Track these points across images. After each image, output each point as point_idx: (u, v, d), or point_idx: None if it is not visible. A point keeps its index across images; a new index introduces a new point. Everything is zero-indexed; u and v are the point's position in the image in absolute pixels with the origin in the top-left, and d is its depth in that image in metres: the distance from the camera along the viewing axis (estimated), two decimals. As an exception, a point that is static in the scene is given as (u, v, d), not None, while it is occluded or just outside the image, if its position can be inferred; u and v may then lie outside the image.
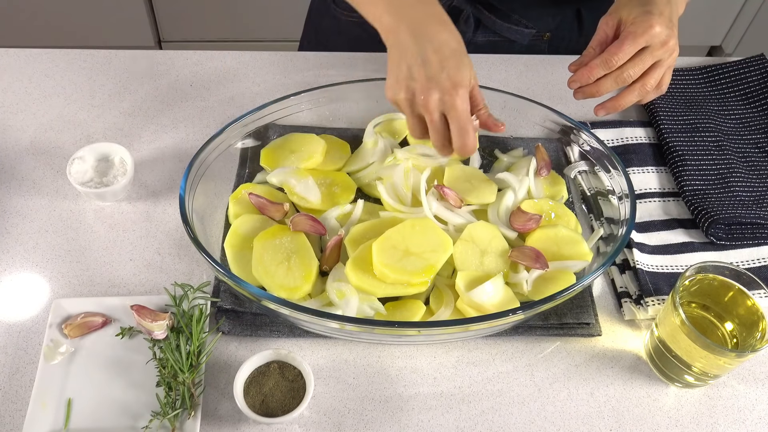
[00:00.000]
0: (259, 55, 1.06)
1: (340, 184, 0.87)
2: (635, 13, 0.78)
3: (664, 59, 0.79)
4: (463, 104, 0.72)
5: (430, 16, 0.74)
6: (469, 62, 0.74)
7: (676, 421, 0.74)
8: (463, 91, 0.71)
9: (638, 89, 0.80)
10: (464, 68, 0.72)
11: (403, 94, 0.74)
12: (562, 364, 0.77)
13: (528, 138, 0.94)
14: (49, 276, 0.81)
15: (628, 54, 0.77)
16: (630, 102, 0.81)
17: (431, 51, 0.72)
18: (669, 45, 0.77)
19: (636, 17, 0.77)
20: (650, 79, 0.79)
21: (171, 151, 0.93)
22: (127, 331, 0.75)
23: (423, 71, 0.72)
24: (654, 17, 0.76)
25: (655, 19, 0.76)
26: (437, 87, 0.71)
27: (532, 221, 0.82)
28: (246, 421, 0.71)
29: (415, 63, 0.72)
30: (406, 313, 0.75)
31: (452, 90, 0.71)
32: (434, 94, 0.71)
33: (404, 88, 0.73)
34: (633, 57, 0.77)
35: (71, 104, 0.98)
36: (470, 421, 0.73)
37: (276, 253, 0.77)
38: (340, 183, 0.87)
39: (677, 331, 0.70)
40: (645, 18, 0.77)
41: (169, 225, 0.86)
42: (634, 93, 0.80)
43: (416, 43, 0.73)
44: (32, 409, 0.69)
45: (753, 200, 0.88)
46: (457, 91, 0.71)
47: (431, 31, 0.73)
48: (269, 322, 0.77)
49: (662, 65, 0.79)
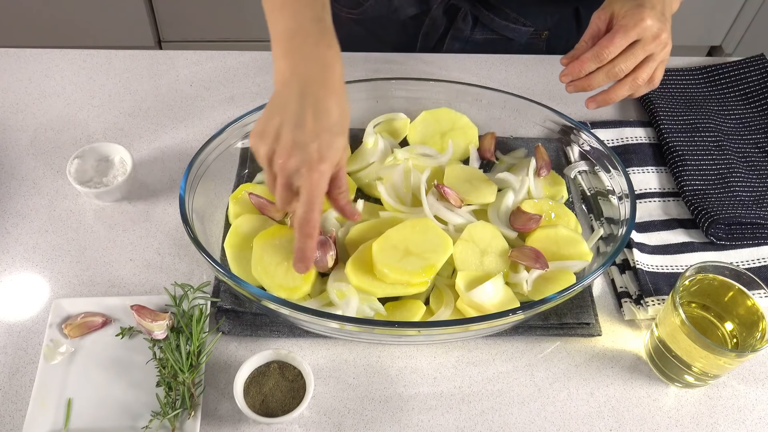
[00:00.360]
0: (259, 55, 1.06)
1: (340, 184, 0.87)
2: (627, 6, 0.78)
3: (657, 53, 0.78)
4: (319, 180, 0.67)
5: (325, 80, 0.69)
6: (344, 142, 0.70)
7: (676, 421, 0.74)
8: (325, 167, 0.67)
9: (630, 83, 0.79)
10: (337, 145, 0.68)
11: (264, 150, 0.68)
12: (562, 364, 0.77)
13: (528, 138, 0.94)
14: (49, 276, 0.81)
15: (619, 47, 0.76)
16: (621, 96, 0.80)
17: (310, 116, 0.67)
18: (661, 38, 0.77)
19: (628, 11, 0.77)
20: (642, 73, 0.79)
21: (171, 151, 0.94)
22: (127, 331, 0.75)
23: (292, 134, 0.66)
24: (646, 10, 0.76)
25: (647, 13, 0.76)
26: (300, 155, 0.66)
27: (532, 221, 0.82)
28: (246, 421, 0.71)
29: (288, 123, 0.67)
30: (406, 313, 0.75)
31: (315, 163, 0.66)
32: (294, 161, 0.66)
33: (267, 144, 0.68)
34: (625, 51, 0.77)
35: (71, 104, 0.98)
36: (470, 421, 0.73)
37: (275, 253, 0.77)
38: (340, 183, 0.87)
39: (677, 331, 0.70)
40: (637, 11, 0.76)
41: (169, 225, 0.86)
42: (626, 87, 0.79)
43: (299, 103, 0.68)
44: (32, 409, 0.69)
45: (753, 200, 0.88)
46: (319, 166, 0.66)
47: (320, 96, 0.68)
48: (269, 322, 0.77)
49: (654, 59, 0.78)
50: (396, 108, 0.94)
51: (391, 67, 1.04)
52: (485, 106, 0.92)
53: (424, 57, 1.06)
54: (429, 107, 0.94)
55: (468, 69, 1.05)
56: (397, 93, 0.93)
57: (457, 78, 0.95)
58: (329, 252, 0.76)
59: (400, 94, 0.93)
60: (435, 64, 1.05)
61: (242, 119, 0.86)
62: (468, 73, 1.04)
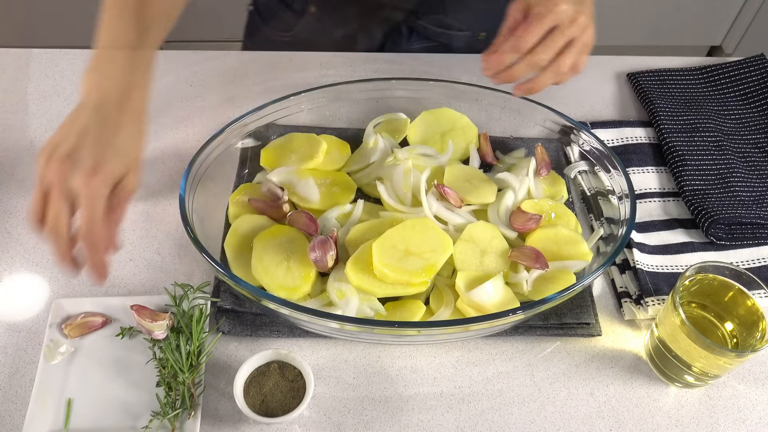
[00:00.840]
0: (259, 55, 1.06)
1: (340, 184, 0.87)
2: None
3: (578, 37, 0.76)
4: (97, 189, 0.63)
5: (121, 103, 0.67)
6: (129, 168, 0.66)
7: (676, 421, 0.74)
8: (102, 177, 0.63)
9: (553, 71, 0.78)
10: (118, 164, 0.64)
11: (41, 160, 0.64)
12: (562, 364, 0.77)
13: (528, 138, 0.94)
14: (49, 276, 0.81)
15: (535, 35, 0.75)
16: (545, 84, 0.79)
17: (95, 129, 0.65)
18: (579, 21, 0.76)
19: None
20: (565, 60, 0.77)
21: (171, 151, 0.93)
22: (127, 331, 0.75)
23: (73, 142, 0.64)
24: None
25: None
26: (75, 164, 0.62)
27: (532, 221, 0.82)
28: (246, 421, 0.71)
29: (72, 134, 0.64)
30: (406, 313, 0.75)
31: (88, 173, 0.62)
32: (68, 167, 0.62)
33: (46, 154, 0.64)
34: (544, 39, 0.75)
35: (71, 104, 0.98)
36: (470, 421, 0.73)
37: (276, 253, 0.77)
38: (340, 183, 0.87)
39: (677, 331, 0.70)
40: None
41: (169, 225, 0.86)
42: (548, 75, 0.78)
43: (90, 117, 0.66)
44: (32, 409, 0.69)
45: (753, 200, 0.88)
46: (92, 178, 0.62)
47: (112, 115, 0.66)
48: (269, 322, 0.77)
49: (576, 44, 0.77)
50: (396, 108, 0.94)
51: (391, 67, 1.04)
52: (485, 106, 0.92)
53: (424, 57, 1.06)
54: (429, 107, 0.94)
55: (468, 69, 1.05)
56: (397, 93, 0.93)
57: (457, 78, 0.95)
58: (329, 252, 0.76)
59: (400, 94, 0.93)
60: (435, 64, 1.05)
61: (242, 119, 0.86)
62: (468, 73, 1.04)
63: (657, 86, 1.03)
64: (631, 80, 1.05)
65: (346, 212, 0.83)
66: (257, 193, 0.83)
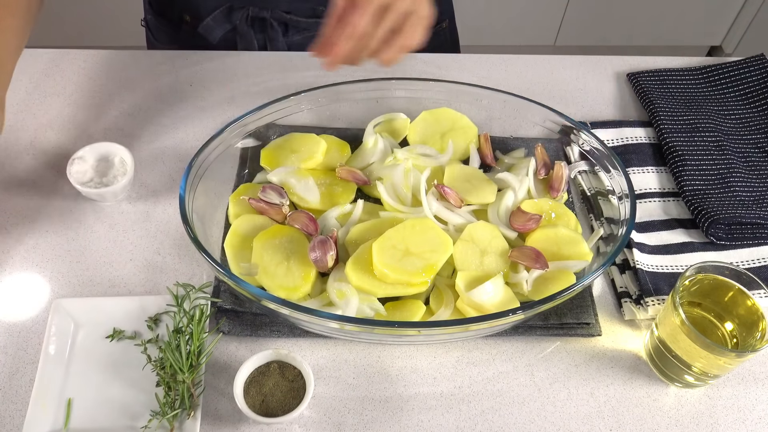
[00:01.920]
0: (258, 55, 1.06)
1: (340, 184, 0.87)
2: None
3: (415, 10, 0.71)
4: None
5: None
6: None
7: (676, 421, 0.74)
8: None
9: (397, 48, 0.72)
10: None
11: None
12: (562, 364, 0.77)
13: (528, 138, 0.94)
14: (49, 276, 0.81)
15: (366, 17, 0.70)
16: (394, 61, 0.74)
17: None
18: None
19: None
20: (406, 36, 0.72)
21: (171, 151, 0.94)
22: (117, 334, 0.75)
23: None
24: None
25: None
26: None
27: (532, 221, 0.82)
28: (246, 421, 0.71)
29: None
30: (406, 313, 0.75)
31: None
32: None
33: None
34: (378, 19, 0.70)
35: (71, 104, 0.98)
36: (470, 421, 0.73)
37: (276, 253, 0.77)
38: (340, 183, 0.87)
39: (677, 331, 0.70)
40: None
41: (169, 225, 0.86)
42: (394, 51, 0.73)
43: None
44: (32, 410, 0.69)
45: (753, 200, 0.89)
46: None
47: None
48: (269, 322, 0.77)
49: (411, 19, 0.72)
50: (396, 108, 0.94)
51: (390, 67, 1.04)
52: (485, 106, 0.92)
53: (424, 57, 1.06)
54: (429, 107, 0.94)
55: (468, 69, 1.05)
56: (397, 93, 0.93)
57: (457, 78, 0.95)
58: (329, 252, 0.76)
59: (400, 94, 0.93)
60: (435, 64, 1.05)
61: (242, 119, 0.86)
62: (468, 73, 1.04)
63: (657, 86, 1.03)
64: (631, 80, 1.05)
65: (346, 212, 0.83)
66: (257, 194, 0.83)
